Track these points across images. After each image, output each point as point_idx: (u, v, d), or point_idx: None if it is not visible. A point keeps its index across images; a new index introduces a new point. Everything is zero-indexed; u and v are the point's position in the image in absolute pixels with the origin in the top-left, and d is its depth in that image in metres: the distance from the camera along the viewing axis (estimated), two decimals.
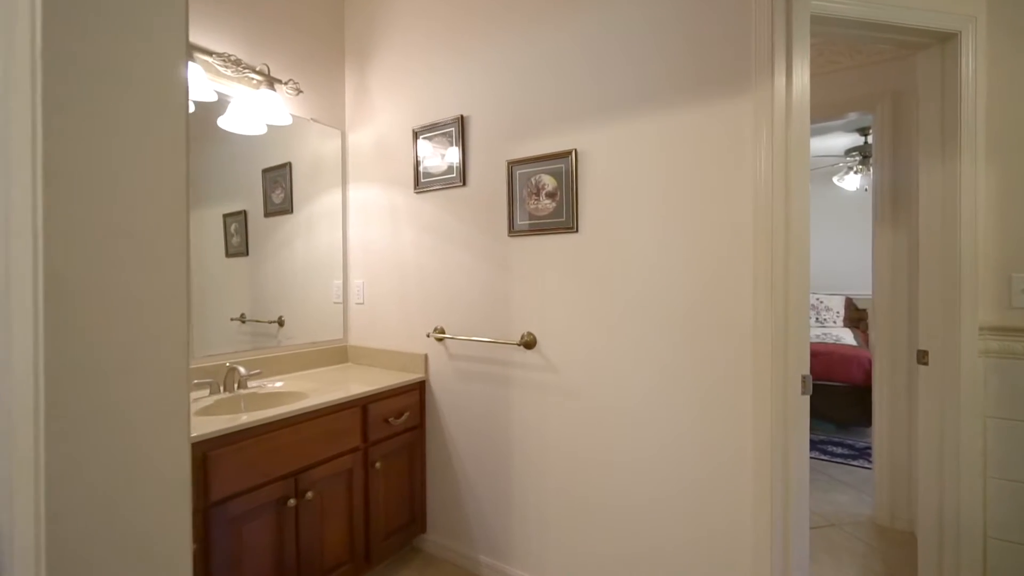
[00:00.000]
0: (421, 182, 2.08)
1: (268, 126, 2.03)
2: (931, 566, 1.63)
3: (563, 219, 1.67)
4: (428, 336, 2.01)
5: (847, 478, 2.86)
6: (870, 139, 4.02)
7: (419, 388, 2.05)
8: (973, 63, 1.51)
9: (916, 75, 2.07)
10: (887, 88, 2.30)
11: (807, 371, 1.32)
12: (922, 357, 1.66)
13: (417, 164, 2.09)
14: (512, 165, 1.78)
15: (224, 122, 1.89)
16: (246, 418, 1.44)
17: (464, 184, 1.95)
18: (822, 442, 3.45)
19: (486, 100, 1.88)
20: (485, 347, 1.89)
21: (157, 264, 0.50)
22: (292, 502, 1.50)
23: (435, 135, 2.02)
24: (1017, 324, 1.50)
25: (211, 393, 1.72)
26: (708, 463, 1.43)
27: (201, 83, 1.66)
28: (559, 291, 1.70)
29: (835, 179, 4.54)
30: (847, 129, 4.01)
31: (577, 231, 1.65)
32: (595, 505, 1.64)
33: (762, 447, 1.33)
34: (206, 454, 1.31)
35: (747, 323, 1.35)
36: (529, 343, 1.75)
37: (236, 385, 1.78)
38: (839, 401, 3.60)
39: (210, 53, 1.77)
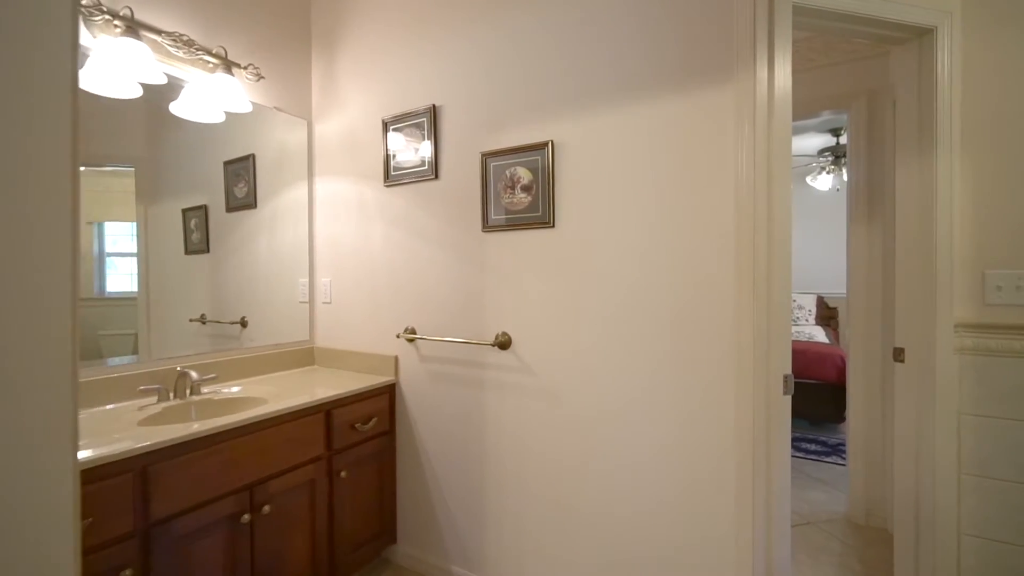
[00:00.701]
0: (391, 175, 1.98)
1: (227, 114, 1.90)
2: (907, 564, 1.62)
3: (539, 213, 1.60)
4: (398, 337, 1.91)
5: (821, 475, 2.88)
6: (842, 139, 4.08)
7: (389, 392, 1.95)
8: (949, 59, 1.51)
9: (891, 73, 2.08)
10: (862, 86, 2.31)
11: (789, 370, 1.29)
12: (898, 355, 1.65)
13: (387, 156, 1.99)
14: (486, 157, 1.70)
15: (177, 108, 1.76)
16: (197, 427, 1.32)
17: (436, 177, 1.86)
18: (796, 439, 3.48)
19: (459, 89, 1.79)
20: (458, 348, 1.80)
21: (27, 257, 0.41)
22: (247, 517, 1.38)
23: (406, 126, 1.93)
24: (991, 321, 1.50)
25: (159, 400, 1.58)
26: (691, 466, 1.38)
27: (148, 64, 1.53)
28: (535, 289, 1.63)
29: (808, 179, 4.60)
30: (820, 129, 4.07)
31: (554, 226, 1.58)
32: (575, 511, 1.57)
33: (745, 449, 1.28)
34: (147, 468, 1.19)
35: (729, 322, 1.31)
36: (504, 343, 1.67)
37: (188, 391, 1.65)
38: (813, 398, 3.64)
39: (158, 32, 1.63)
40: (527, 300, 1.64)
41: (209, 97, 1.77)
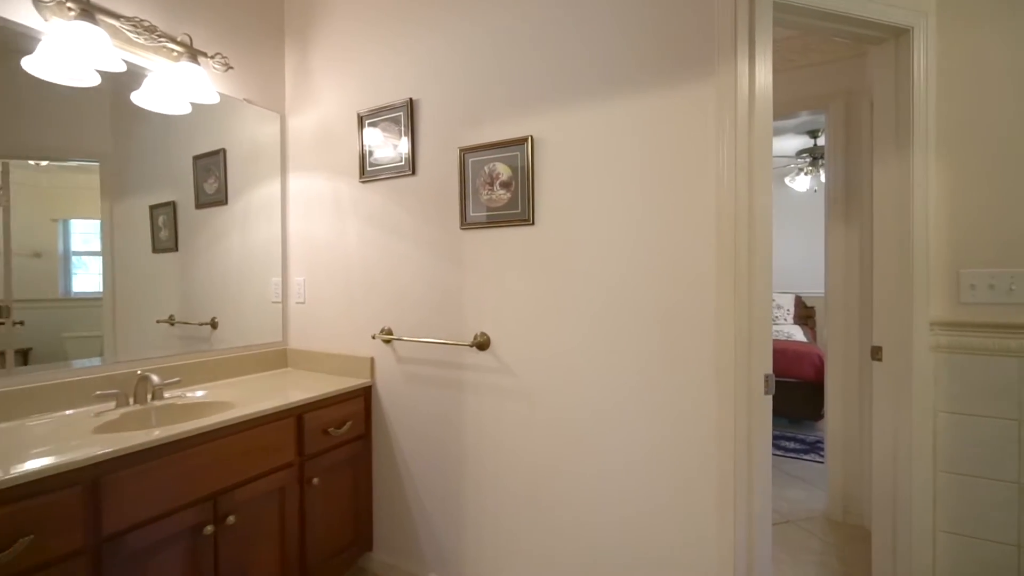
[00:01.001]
0: (367, 171, 1.92)
1: (194, 105, 1.82)
2: (886, 562, 1.63)
3: (518, 211, 1.56)
4: (374, 338, 1.85)
5: (800, 472, 2.91)
6: (820, 141, 4.15)
7: (364, 394, 1.89)
8: (925, 59, 1.52)
9: (869, 73, 2.10)
10: (839, 87, 2.33)
11: (770, 369, 1.27)
12: (876, 353, 1.66)
13: (363, 151, 1.92)
14: (464, 152, 1.66)
15: (139, 98, 1.67)
16: (158, 433, 1.25)
17: (413, 173, 1.80)
18: (775, 437, 3.52)
19: (437, 82, 1.74)
20: (436, 348, 1.75)
21: None
22: (209, 529, 1.31)
23: (382, 120, 1.87)
24: (966, 319, 1.51)
25: (118, 406, 1.50)
26: (675, 468, 1.35)
27: (106, 50, 1.44)
28: (515, 288, 1.59)
29: (787, 180, 4.67)
30: (798, 131, 4.13)
31: (533, 224, 1.54)
32: (556, 513, 1.53)
33: (726, 450, 1.27)
34: (99, 479, 1.11)
35: (710, 322, 1.29)
36: (483, 344, 1.63)
37: (149, 396, 1.57)
38: (791, 396, 3.68)
39: (117, 16, 1.55)
40: (507, 300, 1.60)
41: (173, 87, 1.69)
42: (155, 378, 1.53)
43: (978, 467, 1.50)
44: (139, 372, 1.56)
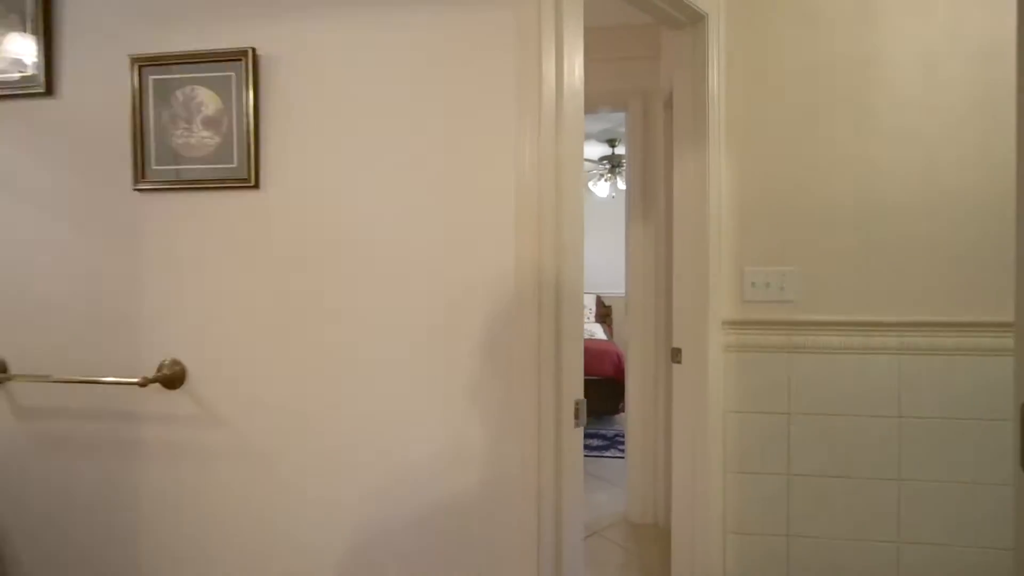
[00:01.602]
0: None
1: None
2: (684, 566, 1.56)
3: (234, 165, 0.99)
4: None
5: (601, 471, 2.93)
6: (618, 150, 4.45)
7: None
8: (717, 49, 1.47)
9: (666, 59, 2.08)
10: (639, 86, 2.34)
11: (581, 394, 0.99)
12: (676, 355, 1.59)
13: None
14: (143, 66, 1.01)
15: None
16: None
17: (50, 93, 1.06)
18: None
19: None
20: (90, 391, 1.04)
21: None
22: None
23: None
24: (748, 317, 1.52)
25: None
26: (470, 544, 0.97)
27: None
28: (228, 289, 1.01)
29: (589, 184, 4.94)
30: (599, 139, 4.35)
31: (258, 187, 0.99)
32: None
33: (529, 508, 0.93)
34: None
35: (513, 342, 0.94)
36: (172, 378, 1.00)
37: None
38: (594, 393, 3.80)
39: None
40: (216, 308, 1.01)
41: None
42: None
43: (757, 464, 1.52)
44: None
